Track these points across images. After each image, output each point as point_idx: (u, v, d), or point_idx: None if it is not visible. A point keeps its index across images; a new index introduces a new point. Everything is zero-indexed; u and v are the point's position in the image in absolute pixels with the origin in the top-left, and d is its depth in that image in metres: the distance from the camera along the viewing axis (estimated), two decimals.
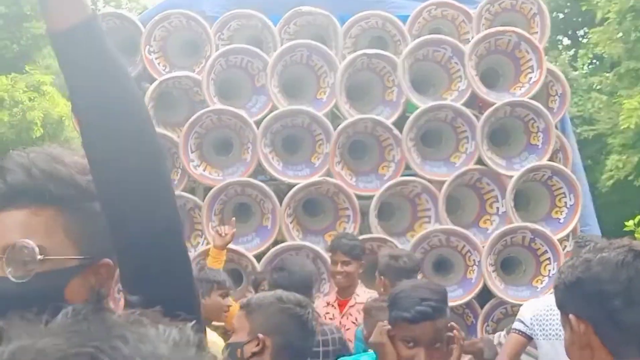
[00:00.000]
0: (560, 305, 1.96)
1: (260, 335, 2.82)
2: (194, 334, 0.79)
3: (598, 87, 15.43)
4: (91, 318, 0.75)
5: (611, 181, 14.02)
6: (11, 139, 15.43)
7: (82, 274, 1.54)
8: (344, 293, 5.63)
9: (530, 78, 6.84)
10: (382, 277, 5.06)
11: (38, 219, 1.52)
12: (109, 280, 1.57)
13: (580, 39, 18.90)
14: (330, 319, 5.57)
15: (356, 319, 5.33)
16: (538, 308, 4.33)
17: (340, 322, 5.49)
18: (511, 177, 6.58)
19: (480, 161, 6.71)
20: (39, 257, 1.49)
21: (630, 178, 13.75)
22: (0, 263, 1.50)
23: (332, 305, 5.68)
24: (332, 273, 5.76)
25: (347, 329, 5.37)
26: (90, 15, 1.44)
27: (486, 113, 6.67)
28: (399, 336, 2.96)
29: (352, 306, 5.53)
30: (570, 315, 1.89)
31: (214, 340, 4.15)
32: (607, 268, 1.84)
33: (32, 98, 15.45)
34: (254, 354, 2.80)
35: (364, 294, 5.47)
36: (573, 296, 1.90)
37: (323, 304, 5.74)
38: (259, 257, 6.51)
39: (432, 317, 2.93)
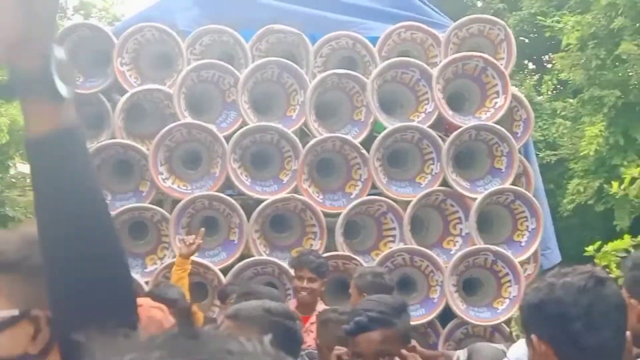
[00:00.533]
0: (524, 325, 2.03)
1: None
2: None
3: (562, 113, 15.62)
4: (187, 335, 0.80)
5: (572, 205, 14.21)
6: None
7: (13, 327, 1.53)
8: (305, 310, 5.68)
9: (496, 103, 6.99)
10: (364, 294, 5.06)
11: None
12: (45, 330, 1.55)
13: (545, 64, 19.16)
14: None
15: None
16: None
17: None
18: (475, 199, 6.70)
19: (445, 183, 6.82)
20: None
21: (590, 203, 13.95)
22: None
23: None
24: (296, 288, 5.83)
25: (308, 346, 5.44)
26: (73, 123, 1.39)
27: (452, 136, 6.79)
28: (350, 352, 2.99)
29: (313, 323, 5.58)
30: (532, 336, 1.95)
31: None
32: (569, 292, 1.91)
33: None
34: None
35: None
36: (536, 317, 1.96)
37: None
38: (225, 271, 6.55)
39: (368, 327, 2.89)
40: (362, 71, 7.17)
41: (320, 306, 5.64)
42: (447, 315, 6.58)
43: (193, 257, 6.53)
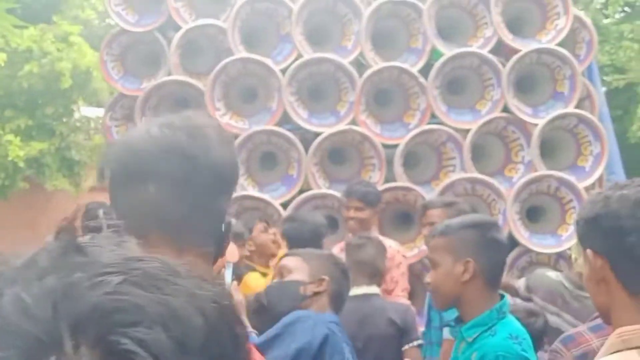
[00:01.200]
0: (579, 240, 1.99)
1: (325, 277, 3.10)
2: None
3: (630, 36, 15.13)
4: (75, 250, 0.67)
5: None
6: (40, 90, 15.50)
7: None
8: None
9: (557, 25, 6.77)
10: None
11: None
12: None
13: None
14: None
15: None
16: None
17: None
18: (537, 124, 6.55)
19: (506, 109, 6.67)
20: None
21: None
22: None
23: (341, 252, 5.73)
24: (345, 218, 5.80)
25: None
26: None
27: (512, 60, 6.62)
28: None
29: None
30: (588, 250, 1.91)
31: None
32: (625, 205, 1.85)
33: (61, 49, 15.44)
34: (315, 293, 3.08)
35: (384, 241, 5.48)
36: (591, 231, 1.92)
37: (337, 250, 5.81)
38: (284, 206, 6.55)
39: None
40: None
41: (379, 235, 5.57)
42: (510, 243, 6.48)
43: (253, 192, 6.57)
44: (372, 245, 4.74)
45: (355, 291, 4.53)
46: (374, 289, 4.62)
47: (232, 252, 3.55)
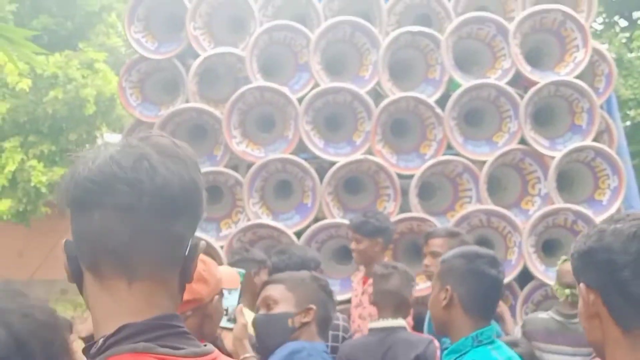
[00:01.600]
0: (574, 273, 1.96)
1: (312, 306, 3.10)
2: None
3: None
4: None
5: None
6: (64, 116, 15.65)
7: None
8: (367, 270, 5.63)
9: (576, 57, 6.74)
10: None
11: None
12: None
13: (637, 20, 18.51)
14: (355, 295, 5.61)
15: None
16: None
17: (360, 300, 5.53)
18: (554, 157, 6.49)
19: (523, 141, 6.63)
20: None
21: None
22: None
23: (359, 282, 5.71)
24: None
25: (364, 307, 5.41)
26: None
27: (530, 92, 6.59)
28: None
29: (366, 285, 5.52)
30: (581, 284, 1.89)
31: None
32: (619, 239, 1.82)
33: (86, 75, 15.60)
34: (303, 324, 3.08)
35: None
36: (584, 265, 1.90)
37: (356, 279, 5.80)
38: (298, 235, 6.52)
39: None
40: (437, 28, 7.00)
41: None
42: (525, 276, 6.42)
43: (267, 221, 6.56)
44: (398, 275, 4.68)
45: (380, 323, 4.52)
46: (399, 322, 4.57)
47: (232, 279, 3.51)
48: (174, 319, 1.41)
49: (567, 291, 5.00)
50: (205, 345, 1.43)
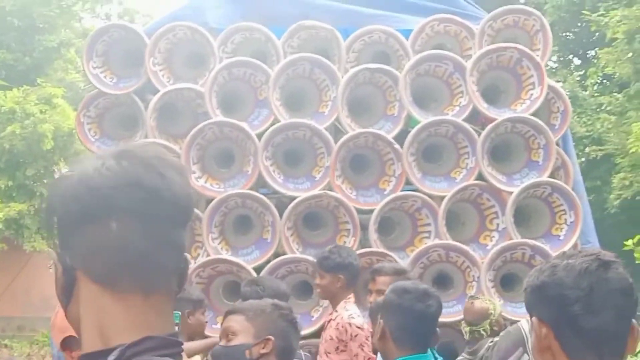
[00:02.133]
0: (526, 307, 2.01)
1: (271, 337, 3.04)
2: None
3: (608, 108, 15.37)
4: None
5: (618, 200, 13.93)
6: (22, 151, 15.56)
7: None
8: (331, 305, 5.60)
9: (532, 94, 6.85)
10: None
11: None
12: None
13: (591, 59, 18.88)
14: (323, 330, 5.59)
15: (330, 336, 5.27)
16: None
17: (322, 335, 5.50)
18: (511, 193, 6.57)
19: (480, 177, 6.70)
20: None
21: (638, 198, 13.67)
22: None
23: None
24: None
25: (325, 342, 5.38)
26: None
27: (487, 129, 6.67)
28: None
29: (329, 321, 5.48)
30: (534, 318, 1.94)
31: None
32: (570, 274, 1.88)
33: (44, 111, 15.55)
34: (262, 355, 3.02)
35: (343, 311, 5.32)
36: (537, 299, 1.95)
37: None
38: (258, 270, 6.49)
39: None
40: (396, 65, 7.08)
41: (342, 305, 5.38)
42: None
43: (226, 256, 6.53)
44: None
45: None
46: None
47: None
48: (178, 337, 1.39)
49: (467, 329, 5.23)
50: None
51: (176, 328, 1.41)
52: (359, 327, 5.18)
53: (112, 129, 7.37)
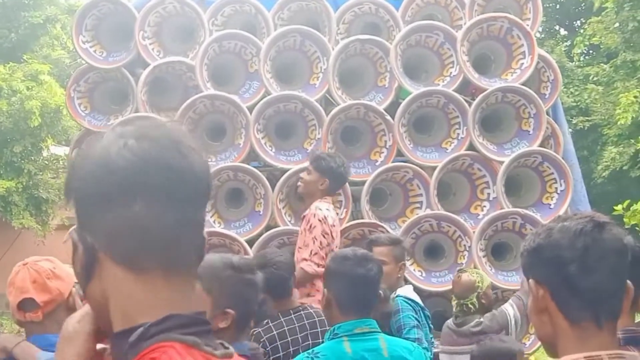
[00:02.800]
0: (523, 270, 2.02)
1: (230, 311, 2.85)
2: None
3: (595, 79, 15.37)
4: None
5: (607, 172, 14.00)
6: (9, 128, 15.46)
7: None
8: (304, 206, 5.70)
9: (522, 64, 6.87)
10: None
11: None
12: None
13: (577, 29, 18.87)
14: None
15: (304, 229, 5.39)
16: None
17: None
18: (502, 162, 6.60)
19: (472, 147, 6.73)
20: None
21: (625, 168, 13.74)
22: None
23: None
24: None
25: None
26: None
27: (478, 99, 6.70)
28: None
29: (302, 218, 5.55)
30: (530, 280, 1.95)
31: None
32: (565, 235, 1.90)
33: (30, 87, 15.45)
34: (220, 329, 2.77)
35: (314, 206, 5.42)
36: (533, 262, 1.96)
37: None
38: (250, 242, 6.52)
39: None
40: (386, 36, 7.09)
41: (320, 203, 5.46)
42: None
43: (219, 229, 6.55)
44: None
45: None
46: None
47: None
48: (205, 316, 1.38)
49: (455, 302, 5.33)
50: (227, 348, 1.39)
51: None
52: (320, 220, 5.31)
53: (102, 103, 7.37)
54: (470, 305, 5.28)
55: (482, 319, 5.21)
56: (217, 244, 6.55)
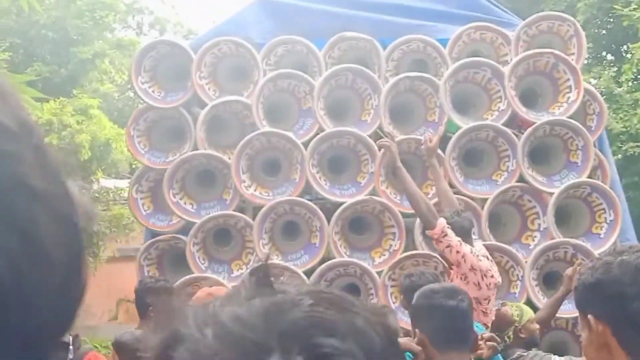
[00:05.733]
0: (578, 305, 2.00)
1: None
2: None
3: None
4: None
5: None
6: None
7: None
8: None
9: (569, 97, 7.05)
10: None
11: None
12: None
13: (623, 54, 18.75)
14: None
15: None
16: None
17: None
18: (552, 194, 6.77)
19: (521, 179, 6.91)
20: None
21: None
22: None
23: None
24: None
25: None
26: None
27: (526, 132, 6.88)
28: None
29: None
30: (589, 316, 1.92)
31: None
32: (627, 271, 1.87)
33: (80, 121, 15.78)
34: None
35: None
36: (592, 297, 1.94)
37: None
38: (307, 274, 6.74)
39: None
40: (433, 73, 7.30)
41: None
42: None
43: (277, 261, 6.78)
44: None
45: None
46: None
47: None
48: None
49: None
50: None
51: None
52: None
53: (160, 141, 7.62)
54: (506, 339, 5.32)
55: (524, 353, 5.26)
56: (276, 275, 6.77)
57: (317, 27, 7.52)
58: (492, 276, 5.44)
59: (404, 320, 6.23)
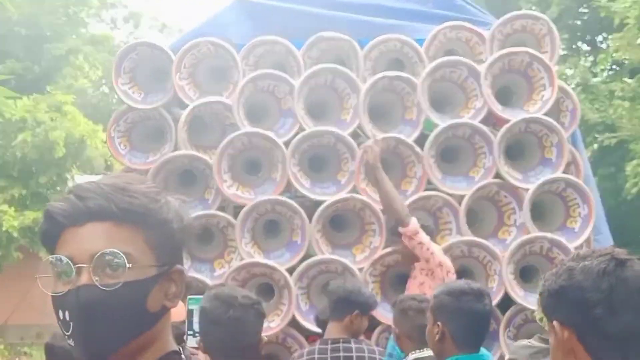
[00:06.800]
0: (544, 311, 2.03)
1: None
2: None
3: (620, 94, 15.11)
4: None
5: (636, 188, 13.58)
6: (34, 159, 15.70)
7: (160, 281, 1.63)
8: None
9: (543, 95, 7.20)
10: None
11: (121, 230, 1.61)
12: (182, 285, 1.70)
13: (599, 44, 18.78)
14: None
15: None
16: None
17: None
18: (527, 189, 6.94)
19: (498, 175, 7.06)
20: (128, 265, 1.58)
21: None
22: (86, 271, 1.59)
23: None
24: None
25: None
26: None
27: (502, 129, 7.03)
28: None
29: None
30: (555, 322, 1.96)
31: None
32: (589, 277, 1.90)
33: (54, 118, 15.73)
34: None
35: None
36: (556, 303, 1.97)
37: None
38: (290, 271, 6.85)
39: None
40: (410, 72, 7.41)
41: None
42: (505, 302, 6.80)
43: (260, 259, 6.88)
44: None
45: (426, 353, 4.57)
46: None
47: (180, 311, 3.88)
48: None
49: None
50: None
51: None
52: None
53: (141, 142, 7.67)
54: None
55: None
56: (258, 273, 6.90)
57: (295, 28, 7.62)
58: (453, 273, 6.25)
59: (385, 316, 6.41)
